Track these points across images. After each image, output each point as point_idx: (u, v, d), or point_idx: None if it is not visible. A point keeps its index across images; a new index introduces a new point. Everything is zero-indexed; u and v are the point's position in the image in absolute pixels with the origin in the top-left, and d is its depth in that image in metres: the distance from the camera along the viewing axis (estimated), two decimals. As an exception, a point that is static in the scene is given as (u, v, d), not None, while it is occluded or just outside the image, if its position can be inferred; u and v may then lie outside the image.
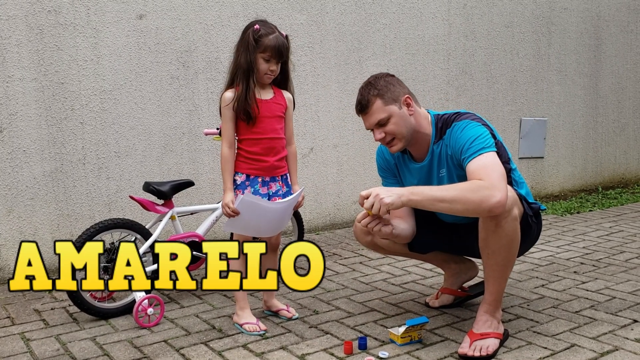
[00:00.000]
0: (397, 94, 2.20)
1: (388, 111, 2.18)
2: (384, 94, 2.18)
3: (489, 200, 1.93)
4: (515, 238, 2.10)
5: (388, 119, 2.19)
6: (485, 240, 2.10)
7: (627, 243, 3.76)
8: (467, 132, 2.12)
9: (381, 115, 2.19)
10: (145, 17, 3.48)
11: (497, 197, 1.93)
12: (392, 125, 2.19)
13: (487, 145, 2.08)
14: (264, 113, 2.36)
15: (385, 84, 2.20)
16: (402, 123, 2.19)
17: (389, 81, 2.22)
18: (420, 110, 2.27)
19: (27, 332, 2.44)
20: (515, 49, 5.15)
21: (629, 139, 6.13)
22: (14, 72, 3.13)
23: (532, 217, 2.28)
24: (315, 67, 4.14)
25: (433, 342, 2.25)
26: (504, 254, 2.11)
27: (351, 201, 4.41)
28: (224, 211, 2.36)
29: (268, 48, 2.29)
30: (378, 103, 2.18)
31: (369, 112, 2.20)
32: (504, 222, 2.04)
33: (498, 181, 1.97)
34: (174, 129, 3.63)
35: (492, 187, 1.95)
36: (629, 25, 5.89)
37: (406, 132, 2.21)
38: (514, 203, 2.07)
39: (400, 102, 2.20)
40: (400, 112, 2.19)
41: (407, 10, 4.50)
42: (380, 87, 2.19)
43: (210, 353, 2.19)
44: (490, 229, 2.06)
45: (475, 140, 2.08)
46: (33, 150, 3.21)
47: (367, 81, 2.25)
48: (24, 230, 3.22)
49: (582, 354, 2.11)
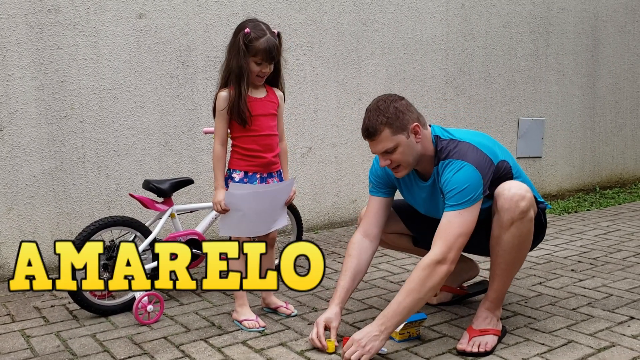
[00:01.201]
0: (406, 122, 2.10)
1: (395, 140, 2.10)
2: (393, 122, 2.08)
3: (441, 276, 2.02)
4: (528, 239, 2.11)
5: (395, 148, 2.11)
6: (497, 238, 2.11)
7: (624, 242, 3.78)
8: (457, 178, 2.06)
9: (388, 144, 2.10)
10: (145, 16, 3.49)
11: (444, 269, 2.01)
12: (399, 154, 2.12)
13: (474, 197, 2.04)
14: (259, 111, 2.38)
15: (395, 111, 2.09)
16: (409, 152, 2.13)
17: (399, 108, 2.10)
18: (426, 132, 2.19)
19: (27, 329, 2.45)
20: (513, 49, 5.17)
21: (627, 139, 6.15)
22: (14, 71, 3.14)
23: (542, 218, 2.29)
24: (314, 67, 4.16)
25: (431, 338, 2.27)
26: (514, 254, 2.12)
27: (350, 200, 4.42)
28: (215, 208, 2.37)
29: (259, 52, 2.29)
30: (386, 132, 2.09)
31: (376, 140, 2.11)
32: (520, 223, 2.05)
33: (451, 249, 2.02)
34: (173, 127, 3.64)
35: (440, 263, 2.01)
36: (626, 25, 5.92)
37: (412, 160, 2.16)
38: (532, 205, 2.08)
39: (409, 130, 2.11)
40: (407, 141, 2.11)
41: (405, 10, 4.52)
42: (390, 115, 2.08)
43: (209, 349, 2.21)
44: (505, 227, 2.07)
45: (464, 191, 2.04)
46: (33, 148, 3.22)
47: (375, 105, 2.13)
48: (23, 229, 3.22)
49: (579, 350, 2.13)
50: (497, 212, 2.10)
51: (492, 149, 2.17)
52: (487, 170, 2.09)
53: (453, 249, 2.02)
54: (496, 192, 2.11)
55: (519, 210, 2.05)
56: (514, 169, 2.24)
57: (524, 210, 2.05)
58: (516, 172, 2.25)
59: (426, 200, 2.30)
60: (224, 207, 2.34)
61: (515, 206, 2.05)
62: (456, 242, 2.03)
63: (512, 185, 2.08)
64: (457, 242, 2.03)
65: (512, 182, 2.11)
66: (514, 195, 2.05)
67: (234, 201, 2.34)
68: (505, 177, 2.18)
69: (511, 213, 2.05)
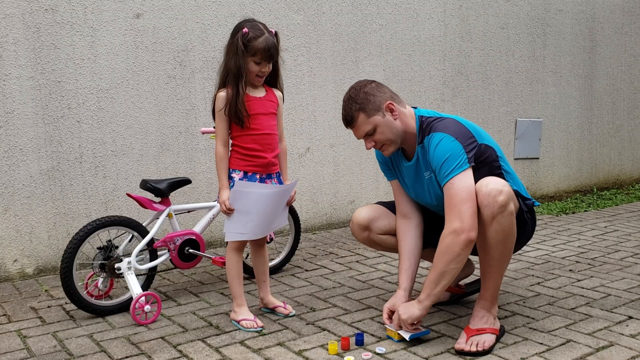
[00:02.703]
0: (378, 103, 2.20)
1: (372, 122, 2.21)
2: (365, 106, 2.20)
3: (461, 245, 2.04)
4: (511, 233, 2.11)
5: (374, 129, 2.22)
6: (481, 235, 2.12)
7: (622, 242, 3.78)
8: (440, 149, 2.13)
9: (366, 127, 2.22)
10: (142, 16, 3.49)
11: (463, 238, 2.03)
12: (379, 134, 2.22)
13: (459, 164, 2.10)
14: (259, 110, 2.38)
15: (365, 95, 2.21)
16: (388, 130, 2.22)
17: (368, 91, 2.22)
18: (406, 110, 2.28)
19: (23, 330, 2.44)
20: (510, 50, 5.18)
21: (624, 140, 6.16)
22: (10, 71, 3.13)
23: (527, 213, 2.30)
24: (312, 67, 4.16)
25: (430, 338, 2.26)
26: (500, 249, 2.12)
27: (347, 201, 4.42)
28: (222, 209, 2.37)
29: (258, 52, 2.29)
30: (361, 117, 2.21)
31: (355, 126, 2.24)
32: (500, 217, 2.06)
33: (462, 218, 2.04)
34: (170, 127, 3.63)
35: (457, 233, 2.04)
36: (623, 27, 5.93)
37: (394, 137, 2.24)
38: (510, 198, 2.08)
39: (383, 110, 2.21)
40: (384, 120, 2.21)
41: (403, 11, 4.52)
42: (361, 101, 2.20)
43: (207, 349, 2.20)
44: (487, 223, 2.08)
45: (447, 161, 2.11)
46: (30, 148, 3.21)
47: (347, 94, 2.26)
48: (20, 229, 3.21)
49: (577, 350, 2.12)
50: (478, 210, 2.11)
51: (477, 131, 2.24)
52: (467, 141, 2.16)
53: (463, 216, 2.04)
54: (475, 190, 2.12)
55: (498, 205, 2.05)
56: (502, 161, 2.29)
57: (503, 204, 2.05)
58: (504, 164, 2.30)
59: (412, 180, 2.35)
60: (228, 207, 2.33)
61: (494, 201, 2.05)
62: (462, 209, 2.05)
63: (489, 181, 2.09)
64: (464, 208, 2.05)
65: (489, 178, 2.11)
66: (491, 191, 2.06)
67: (239, 200, 2.33)
68: (491, 165, 2.23)
69: (490, 208, 2.06)
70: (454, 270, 2.08)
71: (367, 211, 2.52)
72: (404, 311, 2.16)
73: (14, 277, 3.20)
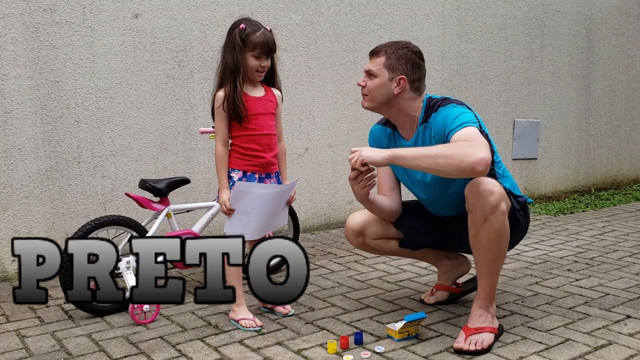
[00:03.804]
0: (399, 68, 2.25)
1: (380, 72, 2.25)
2: (392, 58, 2.25)
3: (472, 156, 1.94)
4: (504, 233, 2.11)
5: (375, 76, 2.26)
6: (475, 236, 2.12)
7: (620, 242, 3.78)
8: (451, 111, 2.18)
9: (374, 68, 2.27)
10: (141, 16, 3.49)
11: (481, 155, 1.94)
12: (372, 84, 2.27)
13: (471, 120, 2.13)
14: (259, 110, 2.38)
15: (403, 53, 2.25)
16: (380, 90, 2.26)
17: (407, 55, 2.26)
18: (412, 96, 2.30)
19: (22, 329, 2.44)
20: (508, 50, 5.19)
21: (621, 140, 6.18)
22: (9, 70, 3.13)
23: (519, 211, 2.30)
24: (310, 68, 4.16)
25: (429, 337, 2.26)
26: (494, 249, 2.13)
27: (346, 201, 4.42)
28: (222, 209, 2.37)
29: (257, 45, 2.31)
30: (382, 59, 2.26)
31: (373, 58, 2.29)
32: (493, 217, 2.06)
33: (482, 145, 2.01)
34: (169, 127, 3.63)
35: (475, 147, 1.98)
36: (620, 27, 5.95)
37: (378, 100, 2.28)
38: (502, 198, 2.08)
39: (395, 75, 2.25)
40: (386, 82, 2.25)
41: (401, 12, 4.53)
42: (396, 51, 2.25)
43: (206, 349, 2.19)
44: (479, 224, 2.08)
45: (458, 117, 2.14)
46: (28, 148, 3.21)
47: (400, 41, 2.32)
48: (18, 229, 3.21)
49: (576, 349, 2.13)
50: (470, 211, 2.12)
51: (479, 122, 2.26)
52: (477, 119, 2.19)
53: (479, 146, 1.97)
54: (465, 191, 2.12)
55: (490, 205, 2.05)
56: (496, 156, 2.31)
57: (495, 205, 2.05)
58: (497, 161, 2.32)
59: None
60: (228, 207, 2.33)
61: (485, 201, 2.05)
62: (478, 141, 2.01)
63: (480, 182, 2.08)
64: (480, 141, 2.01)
65: (479, 178, 2.10)
66: (482, 191, 2.06)
67: (239, 200, 2.33)
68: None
69: (482, 209, 2.06)
70: (437, 167, 1.97)
71: (361, 216, 2.51)
72: (368, 150, 2.11)
73: (12, 277, 3.19)
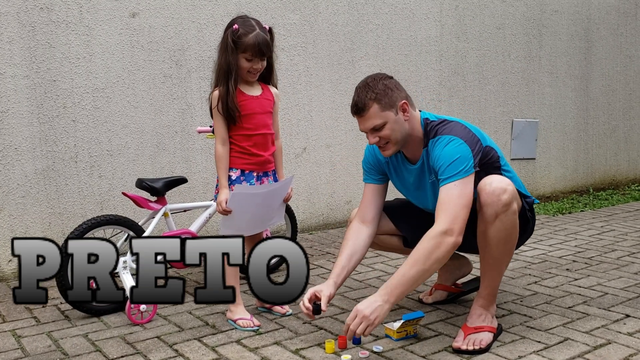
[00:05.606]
0: (394, 100, 2.12)
1: (384, 117, 2.11)
2: (382, 98, 2.10)
3: (448, 247, 1.96)
4: (513, 232, 2.10)
5: (383, 124, 2.12)
6: (483, 234, 2.11)
7: (619, 242, 3.78)
8: (447, 151, 2.08)
9: (377, 121, 2.12)
10: (138, 15, 3.48)
11: (452, 240, 1.96)
12: (387, 130, 2.13)
13: (465, 168, 2.05)
14: (256, 109, 2.37)
15: (384, 87, 2.12)
16: (398, 129, 2.14)
17: (388, 85, 2.14)
18: (415, 114, 2.23)
19: (18, 329, 2.42)
20: (506, 50, 5.18)
21: (619, 141, 6.18)
22: (5, 70, 3.11)
23: (528, 212, 2.29)
24: (308, 67, 4.15)
25: (427, 336, 2.25)
26: (501, 248, 2.11)
27: (344, 201, 4.41)
28: (218, 209, 2.35)
29: (248, 48, 2.28)
30: (375, 108, 2.10)
31: (365, 116, 2.12)
32: (504, 216, 2.05)
33: (456, 221, 1.97)
34: (166, 127, 3.62)
35: (447, 235, 1.96)
36: (618, 28, 5.95)
37: (400, 138, 2.17)
38: (514, 197, 2.07)
39: (397, 107, 2.13)
40: (396, 118, 2.13)
41: (399, 11, 4.52)
42: (379, 91, 2.11)
43: (203, 349, 2.18)
44: (490, 222, 2.06)
45: (455, 163, 2.05)
46: (24, 148, 3.19)
47: (365, 82, 2.16)
48: (15, 229, 3.19)
49: (575, 348, 2.12)
50: (480, 208, 2.10)
51: (481, 134, 2.22)
52: (475, 145, 2.11)
53: (457, 220, 1.98)
54: (478, 188, 2.10)
55: (502, 204, 2.04)
56: (502, 161, 2.27)
57: (507, 203, 2.04)
58: (504, 164, 2.28)
59: (415, 184, 2.31)
60: (224, 208, 2.32)
61: (498, 199, 2.04)
62: (459, 212, 1.99)
63: (493, 180, 2.07)
64: (461, 213, 1.99)
65: (493, 176, 2.10)
66: (495, 189, 2.04)
67: (236, 202, 2.32)
68: (492, 166, 2.20)
69: (494, 207, 2.05)
70: (430, 273, 1.99)
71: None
72: (370, 310, 1.94)
73: (9, 277, 3.17)
